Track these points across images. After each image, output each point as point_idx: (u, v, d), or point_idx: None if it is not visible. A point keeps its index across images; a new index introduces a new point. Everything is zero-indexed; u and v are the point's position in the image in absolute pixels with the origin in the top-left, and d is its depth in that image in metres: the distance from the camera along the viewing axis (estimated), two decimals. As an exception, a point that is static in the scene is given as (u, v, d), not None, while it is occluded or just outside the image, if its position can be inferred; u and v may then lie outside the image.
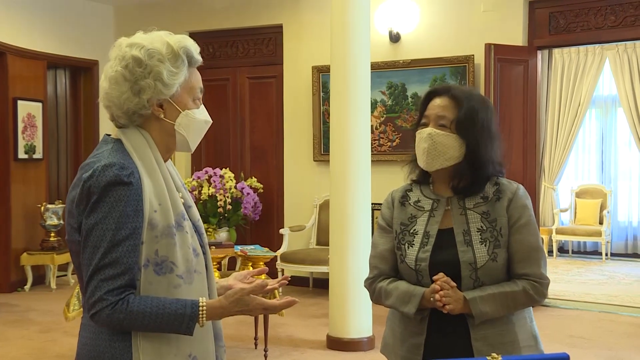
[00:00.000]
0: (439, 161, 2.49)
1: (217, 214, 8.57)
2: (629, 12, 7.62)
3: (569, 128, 11.29)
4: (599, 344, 6.60)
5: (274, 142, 9.44)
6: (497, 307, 2.42)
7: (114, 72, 2.09)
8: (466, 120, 2.48)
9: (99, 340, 2.06)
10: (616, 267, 10.88)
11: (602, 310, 7.99)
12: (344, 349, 6.36)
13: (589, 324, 7.40)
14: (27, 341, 6.79)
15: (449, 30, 8.23)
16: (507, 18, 8.01)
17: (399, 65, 8.44)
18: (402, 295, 2.49)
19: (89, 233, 1.99)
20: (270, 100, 9.47)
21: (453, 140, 2.48)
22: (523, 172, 7.92)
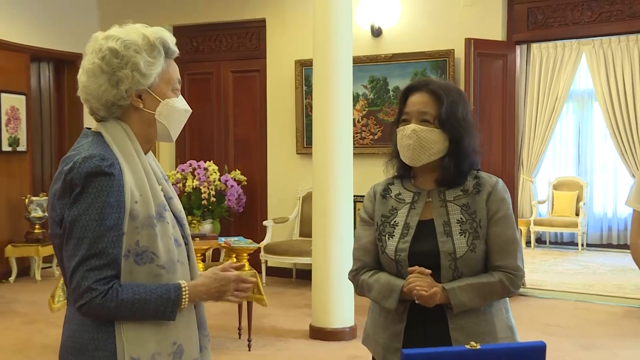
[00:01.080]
0: (424, 156, 2.50)
1: (202, 206, 8.56)
2: (604, 8, 7.66)
3: (547, 121, 11.35)
4: (575, 332, 6.65)
5: (257, 135, 9.44)
6: (474, 297, 2.42)
7: (91, 65, 2.08)
8: (448, 115, 2.48)
9: (82, 332, 2.06)
10: (592, 257, 10.96)
11: (577, 299, 8.05)
12: (327, 338, 6.37)
13: (565, 312, 7.45)
14: (12, 332, 6.77)
15: (430, 25, 8.25)
16: (486, 13, 8.03)
17: (380, 60, 8.45)
18: (382, 290, 2.49)
19: (73, 224, 1.98)
20: (254, 94, 9.46)
21: (437, 135, 2.48)
22: (502, 164, 7.95)
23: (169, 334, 2.07)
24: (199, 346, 2.19)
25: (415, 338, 2.47)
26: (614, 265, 10.02)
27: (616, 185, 11.67)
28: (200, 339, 2.20)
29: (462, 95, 2.59)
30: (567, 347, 6.17)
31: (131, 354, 2.01)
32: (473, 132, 2.55)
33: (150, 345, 2.04)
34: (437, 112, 2.49)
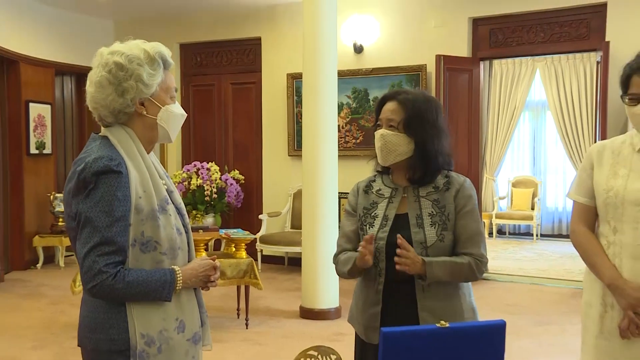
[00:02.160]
0: (391, 156, 2.53)
1: (204, 202, 8.54)
2: (555, 30, 7.72)
3: (506, 128, 11.38)
4: (530, 311, 6.68)
5: (253, 140, 9.41)
6: (446, 273, 2.43)
7: (99, 77, 2.09)
8: (411, 121, 2.50)
9: (98, 312, 2.06)
10: (545, 245, 10.99)
11: (532, 282, 8.08)
12: (315, 318, 6.37)
13: (522, 294, 7.48)
14: (39, 312, 6.77)
15: (405, 43, 8.25)
16: (454, 33, 8.04)
17: (362, 73, 8.44)
18: (344, 260, 2.56)
19: (86, 216, 1.99)
20: (250, 103, 9.43)
21: (402, 138, 2.50)
22: (468, 165, 7.96)
23: (172, 312, 2.09)
24: (200, 322, 2.20)
25: (390, 318, 2.47)
26: (564, 252, 10.04)
27: (565, 183, 11.70)
28: (200, 315, 2.21)
29: (431, 104, 2.57)
30: (523, 324, 6.18)
31: (141, 331, 2.03)
32: (441, 136, 2.55)
33: (156, 323, 2.05)
34: (401, 118, 2.51)
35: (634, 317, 2.44)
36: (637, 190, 2.50)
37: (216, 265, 2.19)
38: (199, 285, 2.16)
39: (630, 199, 2.50)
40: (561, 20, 7.66)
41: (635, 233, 2.49)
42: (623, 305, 2.47)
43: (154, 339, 2.03)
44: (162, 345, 2.04)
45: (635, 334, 2.46)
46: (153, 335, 2.03)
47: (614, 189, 2.55)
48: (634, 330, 2.45)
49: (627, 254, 2.51)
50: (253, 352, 5.43)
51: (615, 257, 2.54)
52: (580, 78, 10.88)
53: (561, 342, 5.67)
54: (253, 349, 5.52)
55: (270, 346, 5.58)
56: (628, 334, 2.47)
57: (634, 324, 2.44)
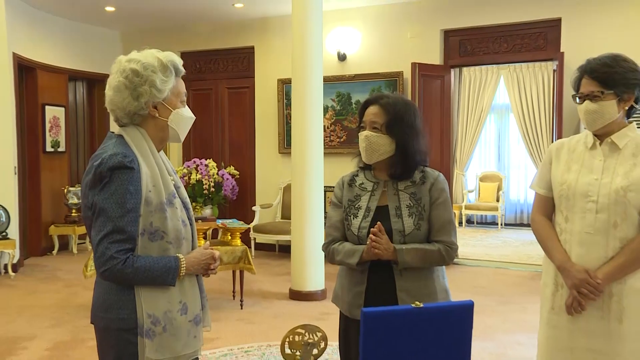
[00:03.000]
0: (375, 156, 2.53)
1: (203, 195, 8.52)
2: (516, 42, 7.79)
3: (474, 128, 11.41)
4: (495, 292, 6.72)
5: (247, 138, 9.39)
6: (417, 259, 2.44)
7: (117, 82, 2.08)
8: (393, 123, 2.50)
9: (109, 294, 2.07)
10: (509, 233, 11.04)
11: (497, 266, 8.12)
12: (303, 299, 6.37)
13: (488, 277, 7.52)
14: (55, 293, 6.77)
15: (384, 52, 8.27)
16: (427, 43, 8.07)
17: (345, 79, 8.45)
18: (348, 252, 2.52)
19: (101, 207, 1.99)
20: (244, 106, 9.42)
21: (384, 139, 2.51)
22: (440, 161, 7.99)
23: (176, 295, 2.08)
24: (200, 305, 2.19)
25: (372, 297, 2.48)
26: (525, 239, 10.11)
27: (527, 177, 11.77)
28: (201, 300, 2.21)
29: (408, 107, 2.58)
30: (489, 303, 6.22)
31: (148, 311, 2.03)
32: (418, 136, 2.55)
33: (162, 305, 2.05)
34: (384, 121, 2.51)
35: (577, 295, 2.48)
36: (586, 183, 2.53)
37: (216, 255, 2.20)
38: (201, 272, 2.16)
39: (579, 192, 2.53)
40: (522, 33, 7.74)
41: (583, 222, 2.51)
42: (569, 285, 2.51)
43: (159, 319, 2.03)
44: (166, 325, 2.04)
45: (578, 311, 2.50)
46: (158, 315, 2.03)
47: (567, 182, 2.58)
48: (576, 307, 2.49)
49: (575, 240, 2.54)
50: (247, 330, 5.44)
51: (566, 243, 2.58)
52: (539, 84, 10.92)
53: (522, 318, 5.72)
54: (247, 327, 5.52)
55: (263, 325, 5.59)
56: (572, 310, 2.51)
57: (577, 301, 2.48)
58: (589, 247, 2.50)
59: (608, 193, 2.47)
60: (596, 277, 2.45)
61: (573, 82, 2.60)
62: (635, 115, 2.59)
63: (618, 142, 2.52)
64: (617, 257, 2.46)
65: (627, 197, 2.44)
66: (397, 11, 8.20)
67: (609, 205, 2.47)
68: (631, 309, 2.45)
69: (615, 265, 2.45)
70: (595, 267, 2.48)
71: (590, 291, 2.45)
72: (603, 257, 2.48)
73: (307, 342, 1.92)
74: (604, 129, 2.53)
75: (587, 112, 2.52)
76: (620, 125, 2.54)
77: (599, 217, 2.48)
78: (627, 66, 2.49)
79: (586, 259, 2.51)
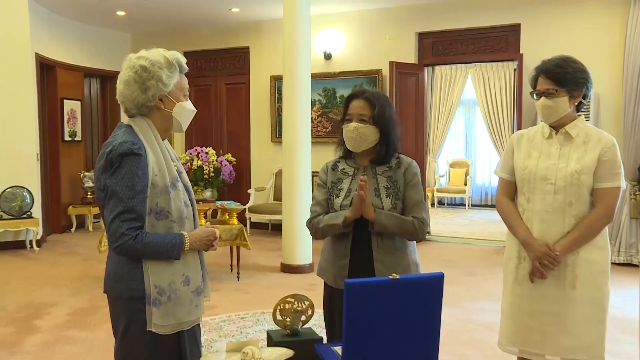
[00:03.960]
0: (363, 145, 2.51)
1: (204, 179, 8.50)
2: (482, 44, 7.79)
3: (445, 120, 11.44)
4: (463, 265, 6.76)
5: (243, 129, 9.35)
6: (391, 224, 2.43)
7: (127, 77, 2.06)
8: (379, 116, 2.48)
9: (120, 267, 2.06)
10: (475, 213, 11.13)
11: (465, 242, 8.17)
12: (292, 271, 6.39)
13: (456, 251, 7.56)
14: (74, 266, 6.77)
15: (365, 51, 8.24)
16: (404, 44, 8.05)
17: (330, 76, 8.42)
18: (331, 216, 2.51)
19: (112, 189, 1.98)
20: (241, 100, 9.36)
21: (371, 130, 2.49)
22: (415, 150, 8.00)
23: (180, 268, 2.07)
24: (202, 277, 2.18)
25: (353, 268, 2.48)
26: (489, 218, 10.18)
27: (491, 163, 11.83)
28: (202, 273, 2.19)
29: (388, 101, 2.58)
30: (457, 274, 6.27)
31: (154, 282, 2.02)
32: (396, 126, 2.55)
33: (167, 277, 2.05)
34: (371, 114, 2.49)
35: (538, 266, 2.53)
36: (544, 168, 2.58)
37: (216, 233, 2.18)
38: (202, 248, 2.15)
39: (539, 176, 2.58)
40: (487, 36, 7.74)
41: (543, 202, 2.57)
42: (532, 257, 2.56)
43: (164, 290, 2.03)
44: (171, 295, 2.04)
45: (540, 279, 2.56)
46: (164, 286, 2.03)
47: (528, 167, 2.62)
48: (539, 277, 2.55)
49: (536, 218, 2.59)
50: (243, 299, 5.44)
51: (528, 221, 2.62)
52: (501, 81, 10.97)
53: (485, 287, 5.77)
54: (243, 296, 5.53)
55: (257, 294, 5.60)
56: (534, 278, 2.57)
57: (539, 271, 2.54)
58: (549, 223, 2.56)
59: (564, 176, 2.53)
60: (555, 249, 2.51)
61: (530, 80, 2.67)
62: (583, 109, 2.66)
63: (571, 132, 2.59)
64: (572, 232, 2.52)
65: (581, 179, 2.51)
66: (377, 16, 8.18)
67: (565, 187, 2.53)
68: (582, 276, 2.52)
69: (570, 239, 2.51)
70: (554, 241, 2.54)
71: (550, 262, 2.52)
72: (560, 232, 2.54)
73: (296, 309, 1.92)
74: (558, 122, 2.60)
75: (543, 107, 2.58)
76: (572, 118, 2.61)
77: (557, 197, 2.54)
78: (577, 67, 2.57)
79: (546, 234, 2.56)
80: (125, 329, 2.05)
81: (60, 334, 4.50)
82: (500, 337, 2.73)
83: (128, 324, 2.04)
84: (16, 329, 4.60)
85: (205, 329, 4.55)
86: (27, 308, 5.16)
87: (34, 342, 4.31)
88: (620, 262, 6.65)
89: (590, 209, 2.52)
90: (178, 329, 2.06)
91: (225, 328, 4.60)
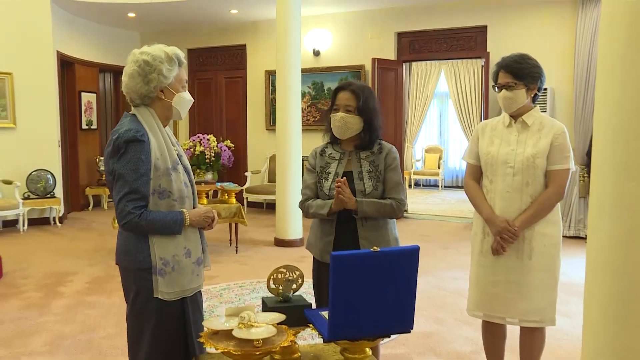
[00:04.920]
0: (348, 132, 2.49)
1: (205, 163, 8.44)
2: (454, 42, 7.77)
3: (421, 111, 11.45)
4: (436, 239, 6.80)
5: (241, 118, 9.29)
6: (372, 210, 2.42)
7: (132, 70, 2.05)
8: (363, 107, 2.46)
9: (129, 241, 2.05)
10: (447, 194, 11.16)
11: (438, 219, 8.21)
12: (285, 245, 6.40)
13: (431, 227, 7.60)
14: (91, 240, 6.78)
15: (350, 49, 8.19)
16: (384, 42, 8.01)
17: (319, 70, 8.36)
18: (319, 205, 2.49)
19: (119, 172, 1.97)
20: (238, 92, 9.29)
21: (356, 119, 2.47)
22: (394, 137, 7.99)
23: (182, 242, 2.06)
24: (202, 249, 2.17)
25: (339, 244, 2.48)
26: (460, 198, 10.23)
27: (461, 149, 11.85)
28: (202, 245, 2.18)
29: (372, 92, 2.56)
30: (432, 247, 6.31)
31: (159, 255, 2.01)
32: (379, 116, 2.53)
33: (170, 249, 2.04)
34: (356, 105, 2.46)
35: (500, 240, 2.56)
36: (505, 153, 2.60)
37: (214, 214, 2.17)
38: (201, 226, 2.13)
39: (500, 160, 2.60)
40: (458, 36, 7.73)
41: (503, 183, 2.59)
42: (494, 232, 2.58)
43: (168, 261, 2.02)
44: (174, 266, 2.03)
45: (501, 252, 2.58)
46: (168, 258, 2.02)
47: (491, 153, 2.64)
48: (499, 249, 2.57)
49: (498, 197, 2.61)
50: (240, 270, 5.45)
51: (491, 200, 2.64)
52: (471, 77, 10.97)
53: (456, 259, 5.81)
54: (240, 267, 5.53)
55: (253, 266, 5.60)
56: (496, 252, 2.59)
57: (500, 245, 2.56)
58: (508, 202, 2.58)
59: (522, 160, 2.56)
60: (514, 225, 2.54)
61: (492, 75, 2.69)
62: (538, 100, 2.69)
63: (527, 121, 2.61)
64: (528, 210, 2.55)
65: (536, 162, 2.54)
66: (360, 17, 8.12)
67: (523, 169, 2.55)
68: (538, 248, 2.56)
69: (527, 216, 2.54)
70: (513, 217, 2.57)
71: (510, 236, 2.55)
72: (519, 209, 2.57)
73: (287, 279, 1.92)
74: (517, 112, 2.62)
75: (504, 99, 2.60)
76: (529, 108, 2.63)
77: (515, 179, 2.57)
78: (532, 63, 2.60)
79: (507, 211, 2.58)
80: (135, 296, 2.04)
81: (81, 298, 4.55)
82: (468, 303, 2.76)
83: (137, 292, 2.04)
84: (44, 294, 4.68)
85: (208, 296, 4.55)
86: (52, 276, 5.21)
87: (59, 305, 4.39)
88: (570, 235, 6.75)
89: (544, 188, 2.55)
90: (181, 296, 2.05)
91: (225, 295, 4.61)
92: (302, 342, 2.76)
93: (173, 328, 2.05)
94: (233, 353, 1.53)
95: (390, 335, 1.72)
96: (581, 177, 6.72)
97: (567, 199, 6.78)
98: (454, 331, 3.80)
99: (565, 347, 3.54)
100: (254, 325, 1.61)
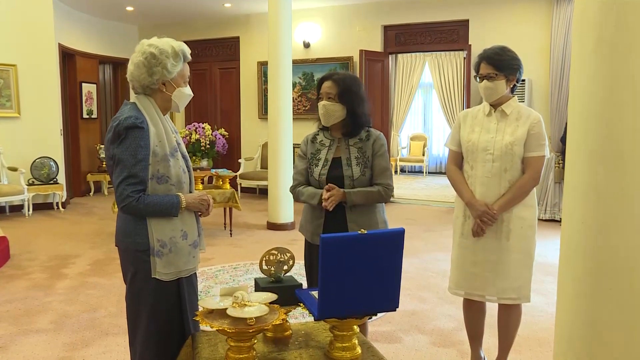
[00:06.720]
0: (331, 119, 2.47)
1: (201, 150, 8.38)
2: (437, 35, 7.76)
3: (406, 100, 11.44)
4: (421, 223, 6.83)
5: (234, 107, 9.24)
6: (361, 198, 2.42)
7: (138, 61, 2.03)
8: (343, 93, 2.44)
9: (127, 224, 2.04)
10: (431, 180, 11.20)
11: (423, 204, 8.24)
12: (277, 229, 6.40)
13: (416, 212, 7.63)
14: (92, 224, 6.76)
15: (339, 41, 8.15)
16: (371, 35, 7.97)
17: (309, 62, 8.31)
18: (310, 194, 2.48)
19: (119, 157, 1.96)
20: (232, 82, 9.23)
21: (337, 107, 2.45)
22: (381, 125, 7.99)
23: (178, 225, 2.06)
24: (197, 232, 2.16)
25: (328, 227, 2.47)
26: (443, 184, 10.28)
27: (445, 137, 11.89)
28: (198, 229, 2.17)
29: (355, 80, 2.53)
30: (416, 230, 6.34)
31: (157, 237, 2.01)
32: (363, 103, 2.50)
33: (167, 232, 2.03)
34: (337, 92, 2.45)
35: (480, 223, 2.58)
36: (485, 141, 2.61)
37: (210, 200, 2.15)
38: (197, 209, 2.12)
39: (481, 147, 2.61)
40: (441, 29, 7.72)
41: (483, 169, 2.60)
42: (474, 215, 2.60)
43: (166, 243, 2.01)
44: (171, 248, 2.02)
45: (481, 234, 2.60)
46: (165, 240, 2.01)
47: (472, 140, 2.65)
48: (479, 231, 2.60)
49: (478, 182, 2.62)
50: (235, 252, 5.45)
51: (472, 185, 2.65)
52: (453, 68, 10.96)
53: (439, 241, 5.85)
54: (235, 250, 5.53)
55: (247, 248, 5.60)
56: (476, 234, 2.61)
57: (480, 227, 2.59)
58: (488, 187, 2.59)
59: (501, 147, 2.57)
60: (493, 209, 2.56)
61: (474, 66, 2.69)
62: (517, 91, 2.69)
63: (506, 110, 2.62)
64: (506, 194, 2.57)
65: (513, 149, 2.55)
66: (348, 10, 8.07)
67: (501, 156, 2.57)
68: (515, 230, 2.58)
69: (505, 200, 2.56)
70: (492, 201, 2.58)
71: (489, 219, 2.56)
72: (497, 194, 2.58)
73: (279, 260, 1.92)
74: (497, 101, 2.63)
75: (485, 89, 2.61)
76: (508, 98, 2.64)
77: (495, 165, 2.58)
78: (511, 55, 2.61)
79: (486, 195, 2.60)
80: (133, 276, 2.04)
81: (84, 280, 4.55)
82: (449, 282, 2.78)
83: (135, 272, 2.03)
84: (49, 275, 4.68)
85: (203, 277, 4.55)
86: (56, 258, 5.20)
87: (63, 286, 4.39)
88: (546, 219, 6.82)
89: (521, 174, 2.56)
90: (178, 276, 2.05)
91: (220, 276, 4.61)
92: (293, 321, 2.77)
93: (170, 307, 2.05)
94: (227, 331, 1.54)
95: (377, 314, 1.73)
96: (556, 164, 6.78)
97: (543, 184, 6.85)
98: (437, 309, 3.84)
99: (540, 323, 3.59)
100: (247, 304, 1.61)
